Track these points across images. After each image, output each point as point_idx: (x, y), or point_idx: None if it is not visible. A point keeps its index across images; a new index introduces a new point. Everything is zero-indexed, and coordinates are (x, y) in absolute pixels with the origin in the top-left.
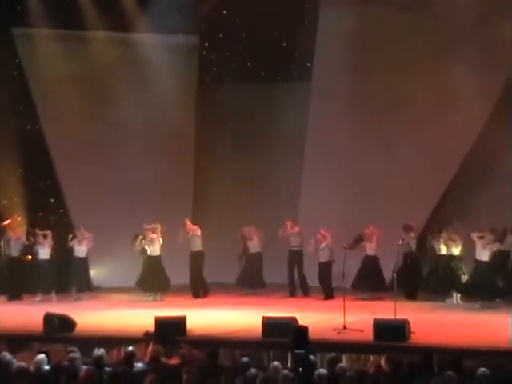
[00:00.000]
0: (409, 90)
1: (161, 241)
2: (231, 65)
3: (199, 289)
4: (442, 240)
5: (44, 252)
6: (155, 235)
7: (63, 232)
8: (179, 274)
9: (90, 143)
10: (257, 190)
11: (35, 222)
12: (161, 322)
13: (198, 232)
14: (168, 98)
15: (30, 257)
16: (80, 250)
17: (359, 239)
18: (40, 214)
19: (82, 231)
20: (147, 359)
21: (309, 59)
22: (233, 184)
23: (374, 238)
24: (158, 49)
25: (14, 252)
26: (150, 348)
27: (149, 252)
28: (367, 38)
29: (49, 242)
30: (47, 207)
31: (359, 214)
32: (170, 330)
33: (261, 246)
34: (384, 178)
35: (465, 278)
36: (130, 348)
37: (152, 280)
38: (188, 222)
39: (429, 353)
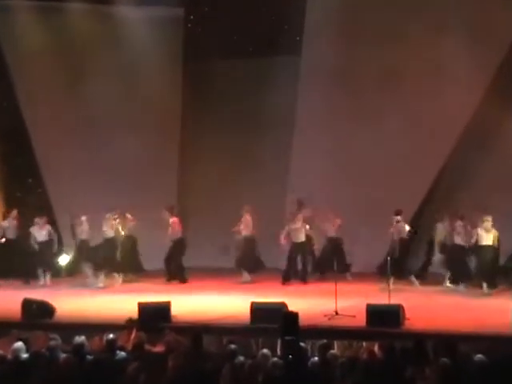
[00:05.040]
0: (402, 64)
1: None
2: (218, 39)
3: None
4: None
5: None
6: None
7: (42, 212)
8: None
9: (71, 119)
10: (245, 168)
11: (13, 203)
12: (144, 308)
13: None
14: (152, 73)
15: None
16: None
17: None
18: (18, 194)
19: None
20: (130, 347)
21: (298, 33)
22: (220, 162)
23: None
24: (141, 22)
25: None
26: (132, 335)
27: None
28: (358, 10)
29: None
30: (25, 187)
31: (350, 191)
32: (153, 317)
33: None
34: (376, 154)
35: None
36: (112, 335)
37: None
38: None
39: (420, 339)
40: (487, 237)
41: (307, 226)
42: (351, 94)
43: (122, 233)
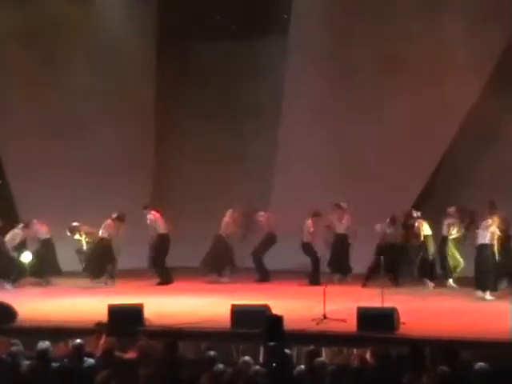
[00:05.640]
0: (399, 50)
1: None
2: (196, 18)
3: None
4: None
5: None
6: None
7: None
8: (138, 257)
9: (36, 108)
10: (226, 162)
11: None
12: (114, 311)
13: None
14: (123, 57)
15: None
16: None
17: None
18: None
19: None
20: (99, 353)
21: (285, 11)
22: (199, 155)
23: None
24: (111, 1)
25: None
26: (102, 340)
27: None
28: None
29: None
30: None
31: (343, 188)
32: (125, 320)
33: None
34: (370, 148)
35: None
36: (79, 341)
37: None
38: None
39: (417, 345)
40: (483, 235)
41: None
42: (345, 81)
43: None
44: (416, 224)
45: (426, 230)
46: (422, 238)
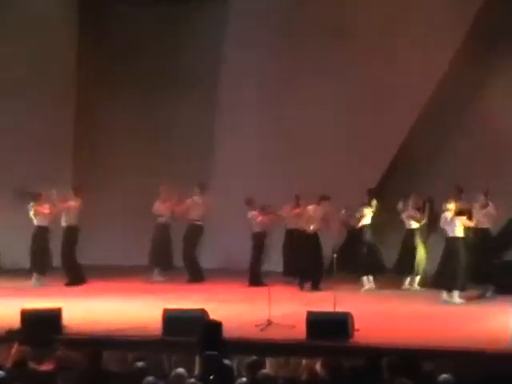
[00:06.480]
0: (361, 16)
1: None
2: None
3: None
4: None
5: None
6: None
7: None
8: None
9: None
10: (159, 143)
11: None
12: (28, 316)
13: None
14: (40, 24)
15: None
16: None
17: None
18: None
19: None
20: (10, 364)
21: None
22: (127, 134)
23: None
24: None
25: None
26: (13, 350)
27: None
28: None
29: None
30: None
31: (291, 174)
32: (40, 327)
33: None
34: (321, 127)
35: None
36: None
37: None
38: None
39: (373, 354)
40: (449, 228)
41: None
42: (296, 54)
43: None
44: (360, 209)
45: (366, 219)
46: (359, 226)
